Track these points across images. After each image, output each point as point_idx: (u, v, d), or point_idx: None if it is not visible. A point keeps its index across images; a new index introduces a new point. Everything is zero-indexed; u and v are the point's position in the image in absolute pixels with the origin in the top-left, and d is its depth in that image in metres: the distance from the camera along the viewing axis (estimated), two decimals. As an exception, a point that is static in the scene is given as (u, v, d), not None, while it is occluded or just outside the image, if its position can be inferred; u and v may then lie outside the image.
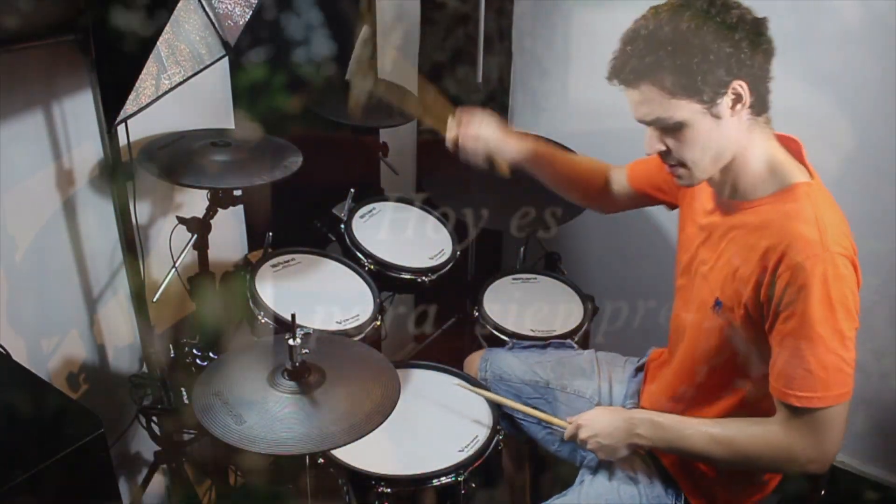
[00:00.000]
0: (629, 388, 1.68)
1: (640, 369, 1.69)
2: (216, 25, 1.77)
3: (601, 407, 1.50)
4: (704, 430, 1.31)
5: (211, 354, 1.80)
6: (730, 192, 1.32)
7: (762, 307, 1.24)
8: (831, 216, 1.22)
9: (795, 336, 1.19)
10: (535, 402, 1.72)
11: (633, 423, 1.38)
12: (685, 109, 1.19)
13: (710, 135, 1.22)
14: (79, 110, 1.64)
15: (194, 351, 1.80)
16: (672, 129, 1.22)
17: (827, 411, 1.19)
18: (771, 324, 1.23)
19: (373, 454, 1.52)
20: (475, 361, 1.86)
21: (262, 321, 1.72)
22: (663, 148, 1.26)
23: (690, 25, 1.15)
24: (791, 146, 1.33)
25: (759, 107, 1.24)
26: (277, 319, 1.70)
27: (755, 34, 1.18)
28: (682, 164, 1.26)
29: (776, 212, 1.24)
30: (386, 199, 2.23)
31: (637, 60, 1.18)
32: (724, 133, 1.23)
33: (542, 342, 1.88)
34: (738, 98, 1.20)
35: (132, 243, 1.76)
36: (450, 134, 1.60)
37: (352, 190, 2.05)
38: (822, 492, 1.43)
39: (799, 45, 2.08)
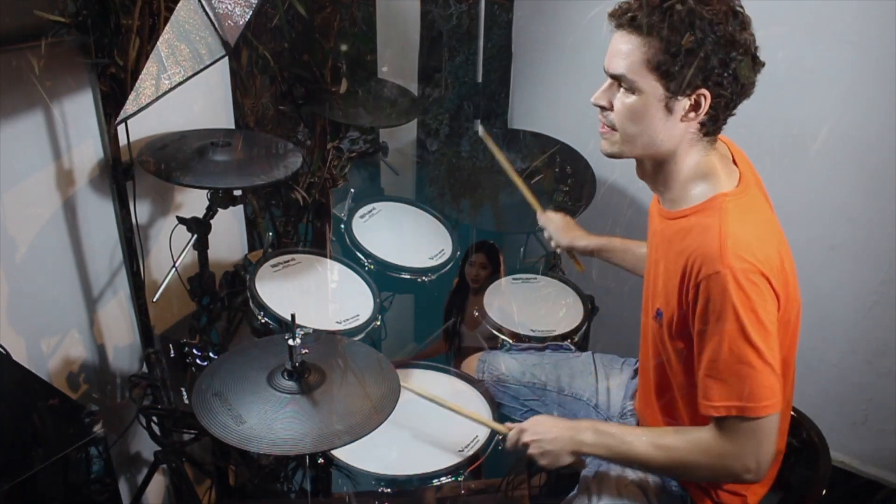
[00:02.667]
0: (628, 389, 1.68)
1: (638, 371, 1.69)
2: (216, 25, 1.77)
3: (545, 415, 1.48)
4: (646, 438, 1.31)
5: (211, 354, 1.80)
6: (665, 200, 1.34)
7: (687, 319, 1.25)
8: (740, 228, 1.19)
9: (708, 348, 1.19)
10: (532, 405, 1.72)
11: (577, 429, 1.37)
12: (649, 84, 1.20)
13: (654, 122, 1.22)
14: (79, 110, 1.64)
15: (194, 351, 1.80)
16: (627, 93, 1.22)
17: (751, 423, 1.18)
18: (693, 335, 1.24)
19: (373, 454, 1.51)
20: (473, 363, 1.86)
21: (262, 321, 1.72)
22: (607, 104, 1.26)
23: (705, 19, 1.15)
24: (721, 144, 1.33)
25: (710, 127, 1.24)
26: (277, 319, 1.70)
27: (747, 68, 1.19)
28: (614, 128, 1.27)
29: (694, 224, 1.25)
30: (386, 199, 2.23)
31: (643, 14, 1.18)
32: (667, 129, 1.23)
33: (540, 344, 1.88)
34: (695, 107, 1.20)
35: (132, 243, 1.76)
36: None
37: (352, 190, 2.05)
38: (823, 492, 1.42)
39: (799, 44, 2.09)
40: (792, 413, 1.54)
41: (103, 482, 1.35)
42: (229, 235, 2.17)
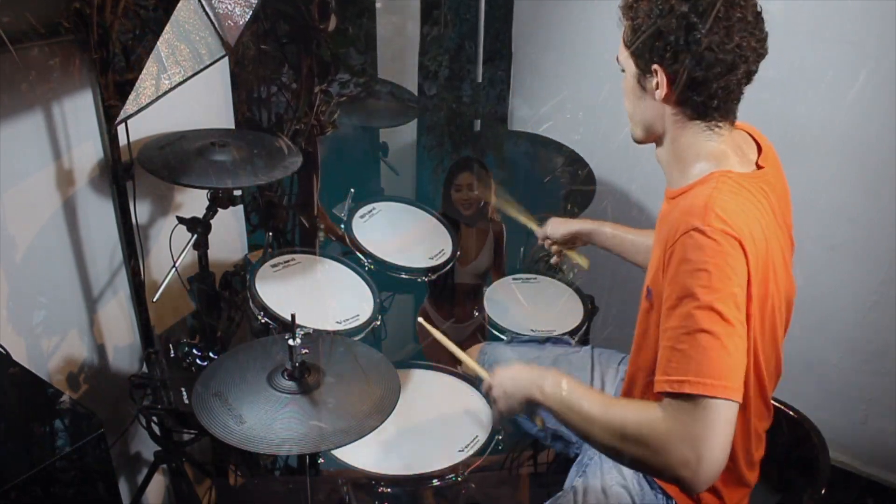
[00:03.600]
0: (618, 388, 1.68)
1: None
2: (216, 25, 1.77)
3: (523, 364, 1.39)
4: (598, 401, 1.21)
5: (211, 354, 1.80)
6: (671, 182, 1.35)
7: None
8: (731, 198, 1.16)
9: (670, 314, 1.11)
10: None
11: (541, 377, 1.28)
12: (628, 63, 1.27)
13: (637, 101, 1.29)
14: (79, 110, 1.64)
15: (194, 351, 1.80)
16: (623, 72, 1.30)
17: (704, 403, 1.04)
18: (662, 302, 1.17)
19: (373, 454, 1.51)
20: (474, 354, 1.86)
21: (262, 321, 1.72)
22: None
23: None
24: (749, 143, 1.33)
25: (693, 111, 1.24)
26: (277, 319, 1.70)
27: (705, 48, 1.16)
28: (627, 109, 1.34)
29: (687, 196, 1.24)
30: (386, 199, 2.23)
31: None
32: (648, 108, 1.28)
33: (541, 337, 1.88)
34: (658, 84, 1.23)
35: (132, 243, 1.76)
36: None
37: (352, 190, 2.05)
38: (823, 491, 1.42)
39: (799, 44, 2.09)
40: (792, 413, 1.54)
41: (103, 482, 1.35)
42: (229, 235, 2.17)
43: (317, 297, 1.87)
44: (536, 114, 2.71)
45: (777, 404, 1.45)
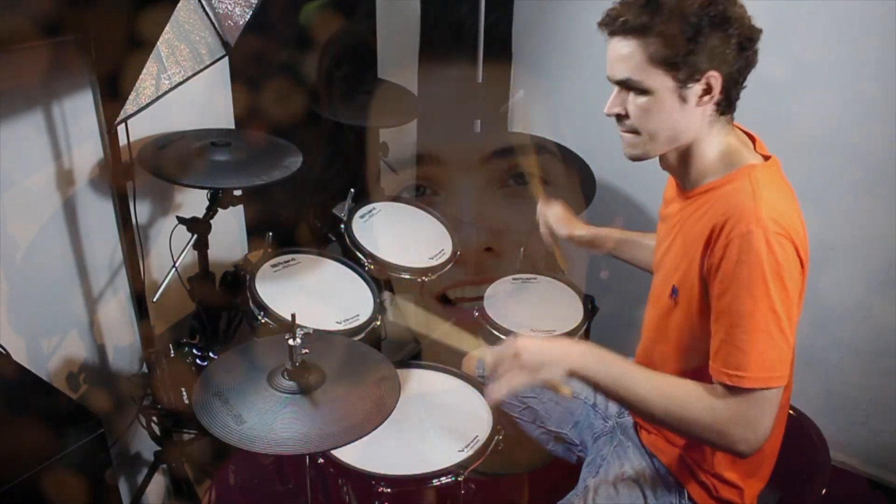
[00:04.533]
0: None
1: None
2: (216, 25, 1.77)
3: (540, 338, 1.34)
4: (651, 381, 1.24)
5: (211, 354, 1.80)
6: (688, 182, 1.34)
7: (707, 285, 1.23)
8: (771, 193, 1.19)
9: (728, 312, 1.18)
10: (529, 401, 1.71)
11: (578, 353, 1.25)
12: (658, 80, 1.21)
13: (672, 114, 1.24)
14: (79, 110, 1.64)
15: (194, 351, 1.80)
16: (638, 95, 1.24)
17: (757, 393, 1.16)
18: (712, 301, 1.21)
19: (373, 454, 1.51)
20: (472, 361, 1.86)
21: (262, 321, 1.72)
22: (622, 112, 1.28)
23: (694, 3, 1.17)
24: (749, 139, 1.35)
25: (725, 106, 1.26)
26: (277, 319, 1.70)
27: (747, 39, 1.21)
28: (636, 132, 1.28)
29: (723, 191, 1.25)
30: (386, 199, 2.23)
31: (632, 16, 1.20)
32: (686, 118, 1.25)
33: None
34: (708, 90, 1.22)
35: (132, 243, 1.76)
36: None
37: (352, 190, 2.05)
38: (823, 492, 1.42)
39: (799, 44, 2.09)
40: (792, 413, 1.54)
41: (103, 482, 1.35)
42: (229, 235, 2.17)
43: (317, 297, 1.86)
44: (537, 113, 2.71)
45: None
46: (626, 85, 1.25)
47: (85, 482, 1.29)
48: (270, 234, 1.91)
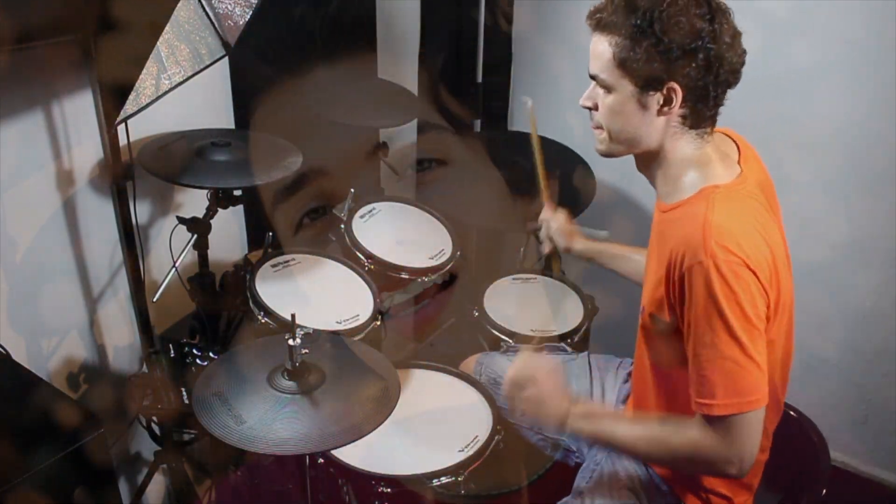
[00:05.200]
0: (620, 393, 1.68)
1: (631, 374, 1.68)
2: (216, 25, 1.77)
3: (558, 376, 1.42)
4: (635, 429, 1.31)
5: (211, 354, 1.80)
6: (662, 194, 1.34)
7: (675, 313, 1.24)
8: (726, 218, 1.16)
9: (693, 342, 1.18)
10: None
11: (572, 415, 1.34)
12: (620, 82, 1.22)
13: (632, 118, 1.24)
14: (79, 110, 1.64)
15: (194, 351, 1.80)
16: (605, 92, 1.26)
17: (734, 419, 1.17)
18: (683, 329, 1.23)
19: (373, 454, 1.51)
20: (470, 365, 1.86)
21: (262, 321, 1.72)
22: (591, 105, 1.30)
23: (665, 11, 1.15)
24: (728, 144, 1.34)
25: (693, 121, 1.24)
26: (277, 319, 1.70)
27: (716, 57, 1.17)
28: (601, 127, 1.30)
29: (682, 215, 1.24)
30: (386, 199, 2.23)
31: (608, 13, 1.21)
32: (646, 125, 1.24)
33: (537, 346, 1.88)
34: (668, 101, 1.21)
35: (132, 243, 1.76)
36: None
37: (352, 190, 2.04)
38: (823, 491, 1.42)
39: (799, 44, 2.09)
40: (792, 413, 1.54)
41: (103, 482, 1.35)
42: (229, 235, 2.17)
43: (317, 297, 1.87)
44: (536, 113, 2.71)
45: (777, 404, 1.45)
46: (596, 81, 1.27)
47: (85, 482, 1.29)
48: (270, 234, 1.91)
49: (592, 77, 1.27)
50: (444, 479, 1.49)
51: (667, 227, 1.28)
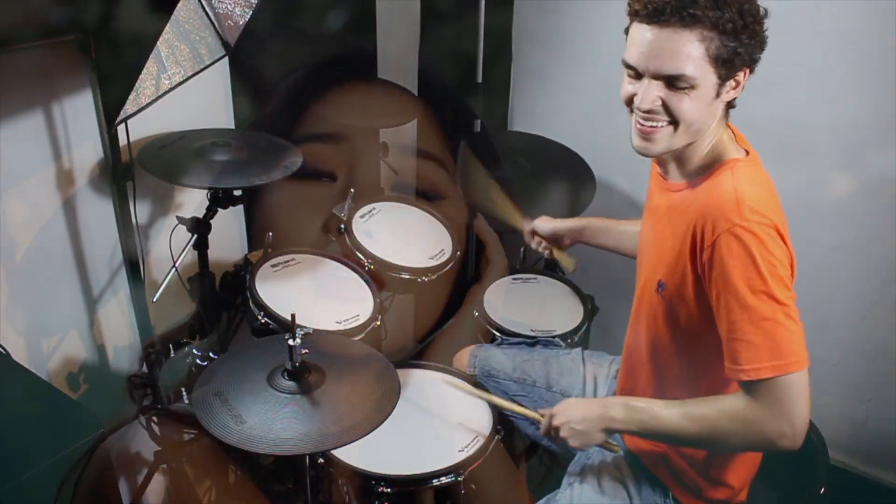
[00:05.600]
0: (610, 389, 1.68)
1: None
2: (216, 25, 1.78)
3: (575, 398, 1.47)
4: (677, 409, 1.27)
5: (211, 354, 1.80)
6: (675, 175, 1.34)
7: (703, 283, 1.23)
8: (752, 187, 1.20)
9: (730, 308, 1.17)
10: (519, 399, 1.72)
11: (606, 406, 1.34)
12: (708, 76, 1.18)
13: (706, 109, 1.22)
14: (79, 110, 1.64)
15: (194, 351, 1.80)
16: (682, 90, 1.19)
17: (782, 380, 1.14)
18: (711, 300, 1.21)
19: (373, 454, 1.51)
20: (465, 357, 1.86)
21: (262, 321, 1.72)
22: (660, 104, 1.21)
23: (744, 3, 1.16)
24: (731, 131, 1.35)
25: (735, 99, 1.27)
26: (277, 319, 1.70)
27: (763, 32, 1.20)
28: (674, 124, 1.23)
29: (706, 187, 1.26)
30: (386, 199, 2.23)
31: (699, 8, 1.13)
32: (712, 112, 1.25)
33: (531, 340, 1.88)
34: (736, 85, 1.23)
35: (132, 243, 1.76)
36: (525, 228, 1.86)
37: (352, 190, 2.05)
38: (822, 491, 1.42)
39: (799, 44, 2.09)
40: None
41: (103, 482, 1.35)
42: (229, 235, 2.17)
43: (317, 297, 1.86)
44: (536, 114, 2.71)
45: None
46: (679, 79, 1.18)
47: (85, 482, 1.29)
48: (270, 234, 1.91)
49: (672, 77, 1.18)
50: (444, 479, 1.49)
51: (684, 202, 1.29)
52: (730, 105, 1.28)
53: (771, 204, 1.21)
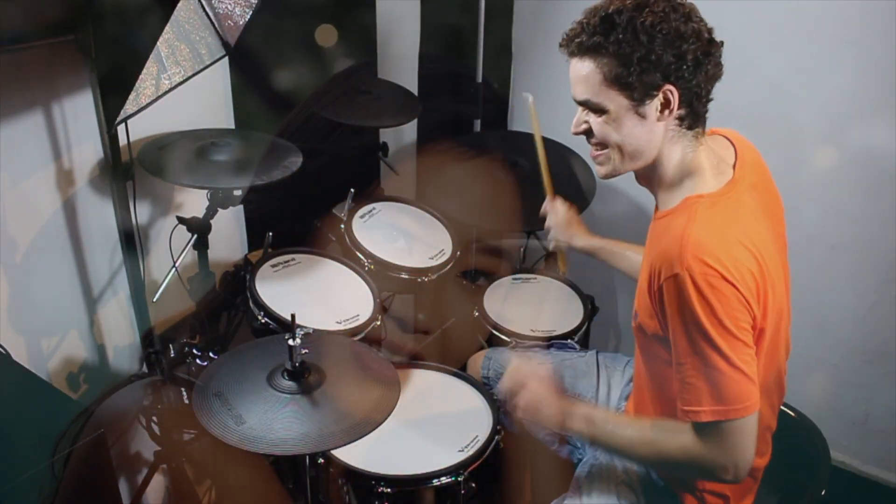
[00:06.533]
0: (623, 391, 1.68)
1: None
2: (216, 25, 1.78)
3: (549, 380, 1.42)
4: (630, 431, 1.31)
5: (211, 354, 1.80)
6: (659, 201, 1.34)
7: (658, 322, 1.24)
8: (707, 229, 1.17)
9: (676, 352, 1.19)
10: None
11: (569, 415, 1.35)
12: (614, 100, 1.23)
13: (633, 130, 1.24)
14: (79, 110, 1.64)
15: (194, 351, 1.80)
16: (598, 114, 1.26)
17: (725, 425, 1.16)
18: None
19: (373, 454, 1.52)
20: (478, 360, 1.86)
21: (262, 321, 1.72)
22: (583, 130, 1.30)
23: (646, 21, 1.17)
24: (725, 148, 1.34)
25: (690, 121, 1.25)
26: (277, 319, 1.70)
27: (704, 53, 1.20)
28: (604, 146, 1.29)
29: (664, 227, 1.25)
30: (386, 199, 2.23)
31: (587, 36, 1.21)
32: (647, 134, 1.25)
33: (545, 343, 1.88)
34: (667, 104, 1.22)
35: (132, 243, 1.76)
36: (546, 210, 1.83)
37: (352, 190, 2.04)
38: (822, 492, 1.42)
39: (800, 44, 2.09)
40: (792, 413, 1.54)
41: (103, 482, 1.35)
42: (229, 235, 2.17)
43: (317, 297, 1.87)
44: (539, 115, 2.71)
45: (777, 404, 1.45)
46: (586, 105, 1.27)
47: (85, 482, 1.29)
48: (270, 234, 1.91)
49: (581, 103, 1.28)
50: (444, 479, 1.49)
51: (654, 236, 1.31)
52: (689, 126, 1.25)
53: (725, 247, 1.15)
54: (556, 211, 1.82)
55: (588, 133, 1.31)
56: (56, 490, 1.22)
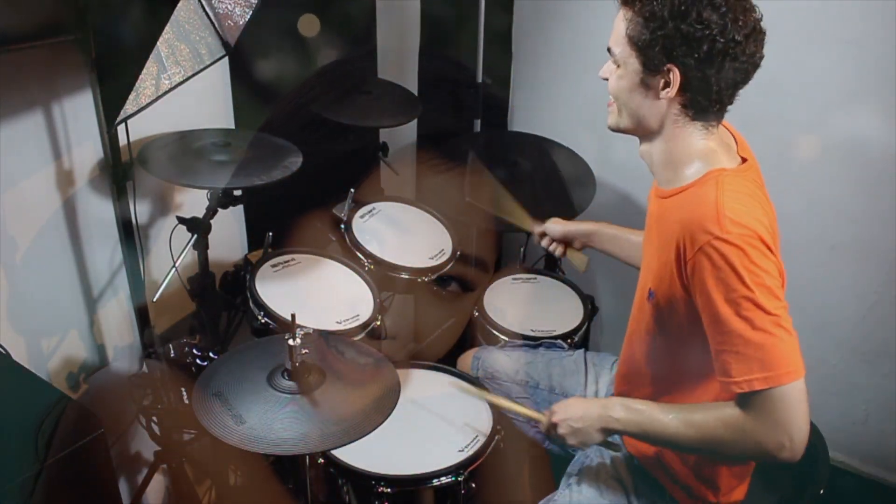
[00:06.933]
0: (610, 389, 1.68)
1: None
2: (216, 25, 1.78)
3: (576, 397, 1.47)
4: (675, 416, 1.27)
5: (211, 354, 1.80)
6: (661, 181, 1.35)
7: (690, 294, 1.23)
8: (736, 198, 1.18)
9: (717, 321, 1.16)
10: (522, 402, 1.71)
11: (606, 406, 1.34)
12: (629, 60, 1.25)
13: (635, 96, 1.27)
14: (79, 110, 1.64)
15: (194, 351, 1.80)
16: (615, 65, 1.29)
17: (776, 392, 1.13)
18: (699, 311, 1.21)
19: (373, 454, 1.52)
20: (468, 359, 1.86)
21: (262, 321, 1.72)
22: (605, 76, 1.33)
23: None
24: (728, 136, 1.35)
25: (696, 112, 1.25)
26: (277, 319, 1.70)
27: (724, 52, 1.17)
28: (612, 99, 1.33)
29: (689, 196, 1.25)
30: (386, 199, 2.23)
31: None
32: (648, 106, 1.27)
33: (534, 342, 1.88)
34: (667, 84, 1.23)
35: (132, 243, 1.76)
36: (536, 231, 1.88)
37: (352, 190, 2.04)
38: (822, 491, 1.42)
39: (799, 44, 2.09)
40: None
41: (103, 482, 1.35)
42: (229, 235, 2.17)
43: (317, 297, 1.87)
44: (536, 113, 2.71)
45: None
46: (611, 53, 1.29)
47: (85, 482, 1.29)
48: (270, 234, 1.91)
49: (608, 50, 1.30)
50: (444, 479, 1.49)
51: (669, 211, 1.28)
52: (693, 117, 1.25)
53: (756, 215, 1.17)
54: (550, 232, 1.84)
55: (606, 81, 1.33)
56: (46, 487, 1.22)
